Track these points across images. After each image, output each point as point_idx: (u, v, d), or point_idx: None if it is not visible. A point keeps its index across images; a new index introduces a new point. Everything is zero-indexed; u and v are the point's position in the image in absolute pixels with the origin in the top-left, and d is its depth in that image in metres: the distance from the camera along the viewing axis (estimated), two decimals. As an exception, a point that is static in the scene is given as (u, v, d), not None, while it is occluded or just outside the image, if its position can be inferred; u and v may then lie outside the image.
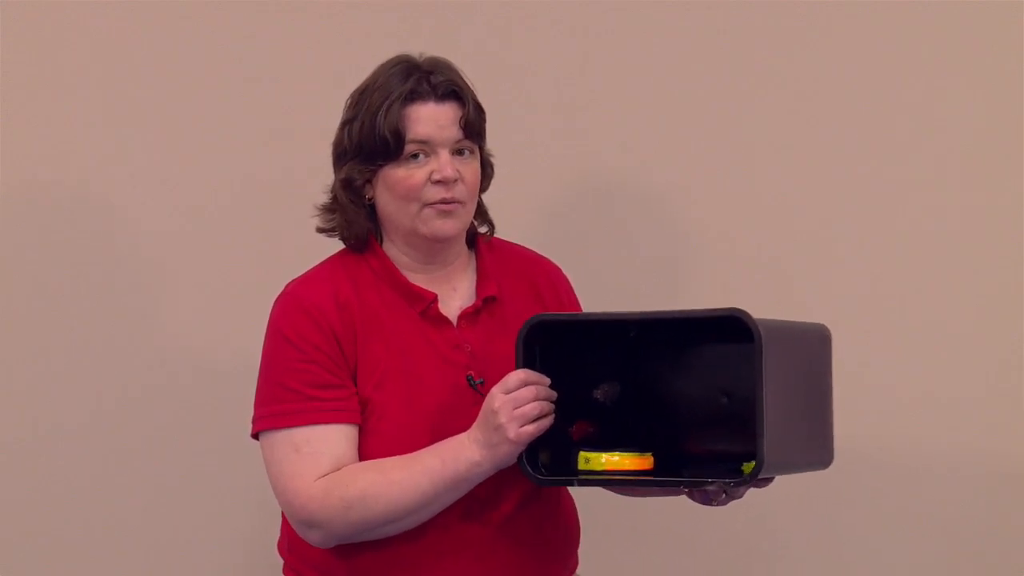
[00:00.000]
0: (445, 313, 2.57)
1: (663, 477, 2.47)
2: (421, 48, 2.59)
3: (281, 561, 2.64)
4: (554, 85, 3.46)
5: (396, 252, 2.59)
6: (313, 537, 2.51)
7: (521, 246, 2.73)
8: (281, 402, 2.50)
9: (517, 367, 2.43)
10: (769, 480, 2.42)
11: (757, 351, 2.30)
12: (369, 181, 2.56)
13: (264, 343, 2.56)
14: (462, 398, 2.53)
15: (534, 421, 2.40)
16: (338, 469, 2.48)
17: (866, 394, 3.20)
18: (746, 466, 2.40)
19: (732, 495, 2.45)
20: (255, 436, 2.55)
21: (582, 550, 2.70)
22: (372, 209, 2.58)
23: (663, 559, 3.40)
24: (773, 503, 2.82)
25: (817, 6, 3.30)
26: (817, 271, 3.30)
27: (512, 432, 2.39)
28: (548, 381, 2.43)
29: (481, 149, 2.59)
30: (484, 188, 2.62)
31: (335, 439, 2.49)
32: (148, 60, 3.37)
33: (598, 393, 2.56)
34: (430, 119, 2.51)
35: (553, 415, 2.43)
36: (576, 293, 2.75)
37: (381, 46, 2.65)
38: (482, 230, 2.66)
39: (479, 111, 2.57)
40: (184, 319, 3.38)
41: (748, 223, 3.34)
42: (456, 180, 2.52)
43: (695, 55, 3.37)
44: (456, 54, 2.62)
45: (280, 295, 2.58)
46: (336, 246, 2.63)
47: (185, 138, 3.38)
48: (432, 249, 2.57)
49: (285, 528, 2.61)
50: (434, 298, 2.57)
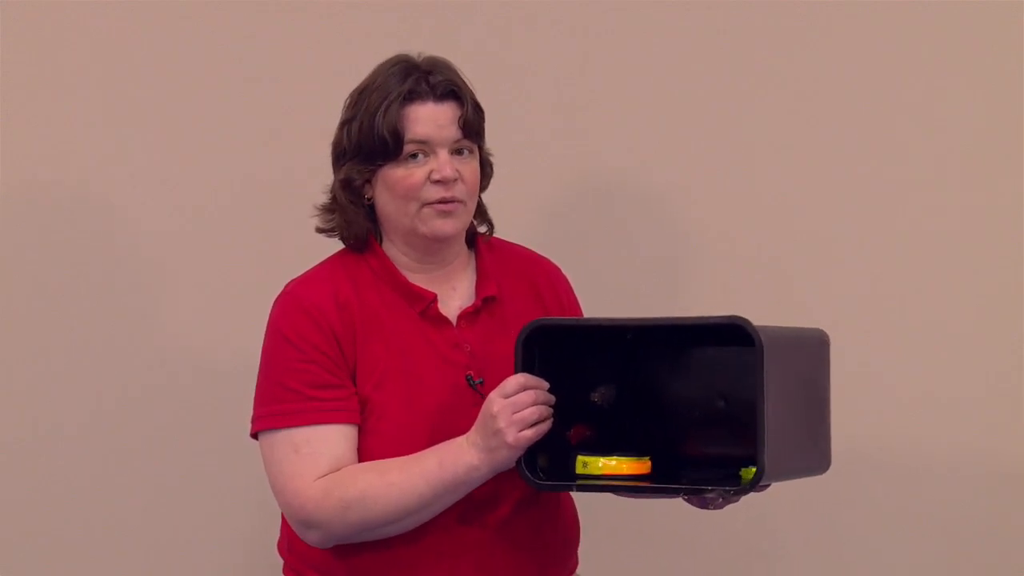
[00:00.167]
0: (445, 313, 2.57)
1: (661, 482, 2.46)
2: (421, 48, 2.59)
3: (281, 561, 2.64)
4: (554, 85, 3.46)
5: (396, 252, 2.59)
6: (312, 537, 2.51)
7: (521, 246, 2.73)
8: (281, 402, 2.50)
9: (516, 371, 2.42)
10: (767, 485, 2.42)
11: (758, 360, 2.29)
12: (368, 181, 2.56)
13: (264, 343, 2.56)
14: (462, 398, 2.52)
15: (533, 426, 2.40)
16: (337, 469, 2.48)
17: (866, 394, 3.20)
18: (744, 471, 2.40)
19: (729, 500, 2.45)
20: (254, 436, 2.55)
21: (582, 550, 2.70)
22: (371, 209, 2.58)
23: (663, 559, 3.39)
24: (772, 504, 2.82)
25: (817, 6, 3.30)
26: (817, 271, 3.30)
27: (511, 436, 2.39)
28: (547, 385, 2.42)
29: (480, 149, 2.59)
30: (484, 188, 2.62)
31: (334, 439, 2.49)
32: (148, 60, 3.37)
33: (595, 396, 2.56)
34: (429, 119, 2.51)
35: (551, 419, 2.42)
36: (576, 293, 2.74)
37: (381, 46, 2.65)
38: (481, 230, 2.66)
39: (478, 111, 2.56)
40: (184, 319, 3.38)
41: (748, 224, 3.34)
42: (455, 179, 2.51)
43: (695, 55, 3.37)
44: (456, 54, 2.62)
45: (280, 295, 2.58)
46: (336, 246, 2.63)
47: (185, 138, 3.39)
48: (431, 249, 2.57)
49: (285, 528, 2.61)
50: (434, 298, 2.57)
